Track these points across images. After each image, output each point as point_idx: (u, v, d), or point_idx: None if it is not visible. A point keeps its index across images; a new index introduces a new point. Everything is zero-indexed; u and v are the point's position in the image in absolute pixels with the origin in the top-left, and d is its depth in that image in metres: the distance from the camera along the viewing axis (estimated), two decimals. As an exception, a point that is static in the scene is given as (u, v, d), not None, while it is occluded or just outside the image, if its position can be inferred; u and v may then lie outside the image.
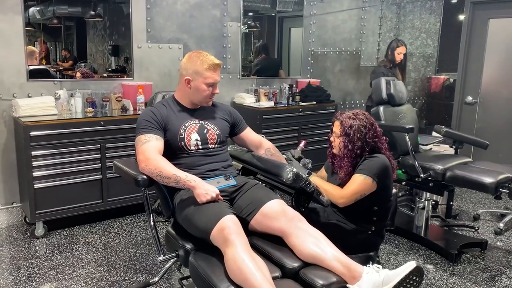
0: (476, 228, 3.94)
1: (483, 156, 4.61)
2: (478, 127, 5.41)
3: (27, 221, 3.74)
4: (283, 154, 2.58)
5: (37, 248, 3.40)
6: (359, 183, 2.37)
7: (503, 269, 3.26)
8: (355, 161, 2.46)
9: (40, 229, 3.55)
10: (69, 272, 3.04)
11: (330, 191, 2.42)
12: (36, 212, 3.48)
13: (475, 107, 5.42)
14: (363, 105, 6.01)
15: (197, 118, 2.36)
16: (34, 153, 3.41)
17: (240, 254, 1.82)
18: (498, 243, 3.71)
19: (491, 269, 3.25)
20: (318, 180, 2.52)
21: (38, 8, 3.99)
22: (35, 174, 3.44)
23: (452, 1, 6.37)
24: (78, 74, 4.14)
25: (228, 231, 1.89)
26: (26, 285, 2.86)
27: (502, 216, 4.23)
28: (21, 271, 3.04)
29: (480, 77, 5.36)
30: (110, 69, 4.53)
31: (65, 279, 2.95)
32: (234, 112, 2.53)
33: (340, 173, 2.50)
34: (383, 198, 2.46)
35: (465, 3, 5.40)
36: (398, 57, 4.73)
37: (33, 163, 3.42)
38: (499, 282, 3.07)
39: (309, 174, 2.50)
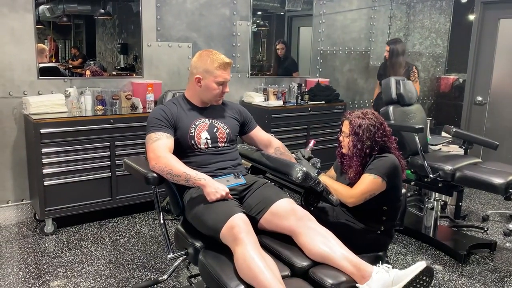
0: (485, 229, 3.91)
1: (492, 156, 4.59)
2: (487, 127, 5.38)
3: (37, 218, 3.76)
4: (292, 153, 2.58)
5: (46, 245, 3.42)
6: (369, 183, 2.37)
7: (513, 270, 3.25)
8: (364, 161, 2.45)
9: (49, 226, 3.58)
10: (78, 269, 3.06)
11: (340, 191, 2.42)
12: (46, 209, 3.51)
13: (485, 107, 5.38)
14: (372, 104, 5.99)
15: (207, 117, 2.36)
16: (44, 150, 3.43)
17: (250, 253, 1.82)
18: (507, 244, 3.69)
19: (500, 270, 3.23)
20: (328, 180, 2.51)
21: (47, 6, 4.01)
22: (45, 171, 3.46)
23: (462, 1, 6.32)
24: (88, 72, 4.16)
25: (238, 229, 1.89)
26: (36, 282, 2.88)
27: (511, 217, 4.21)
28: (31, 267, 3.06)
29: (490, 77, 5.33)
30: (119, 67, 4.55)
31: (74, 276, 2.97)
32: (243, 111, 2.54)
33: (350, 173, 2.50)
34: (392, 198, 2.45)
35: (475, 3, 5.36)
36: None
37: (43, 160, 3.44)
38: (508, 283, 3.05)
39: (319, 173, 2.50)
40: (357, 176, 2.45)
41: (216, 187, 2.07)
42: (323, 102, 5.02)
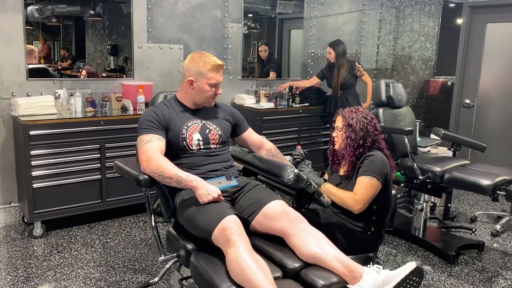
0: (473, 229, 3.96)
1: (480, 158, 4.64)
2: (475, 129, 5.44)
3: (25, 221, 3.71)
4: (285, 156, 2.58)
5: (35, 248, 3.39)
6: (368, 186, 2.38)
7: (500, 270, 3.28)
8: (358, 152, 2.46)
9: (38, 229, 3.54)
10: (68, 272, 3.04)
11: (344, 199, 2.40)
12: (35, 211, 3.47)
13: (473, 110, 5.45)
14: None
15: (199, 118, 2.36)
16: (33, 152, 3.40)
17: (242, 255, 1.82)
18: (495, 245, 3.73)
19: (488, 271, 3.27)
20: (332, 188, 2.49)
21: (36, 7, 3.98)
22: (34, 173, 3.43)
23: (451, 5, 6.40)
24: (84, 73, 4.13)
25: (230, 231, 1.89)
26: (24, 285, 2.85)
27: (499, 218, 4.25)
28: (19, 271, 3.03)
29: (477, 80, 5.39)
30: (108, 69, 4.53)
31: (64, 279, 2.94)
32: (236, 112, 2.54)
33: (343, 165, 2.54)
34: (382, 196, 2.46)
35: (463, 7, 5.43)
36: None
37: (32, 162, 3.41)
38: (495, 283, 3.09)
39: (324, 181, 2.53)
40: (350, 168, 2.47)
41: (208, 189, 2.07)
42: (314, 104, 5.04)
